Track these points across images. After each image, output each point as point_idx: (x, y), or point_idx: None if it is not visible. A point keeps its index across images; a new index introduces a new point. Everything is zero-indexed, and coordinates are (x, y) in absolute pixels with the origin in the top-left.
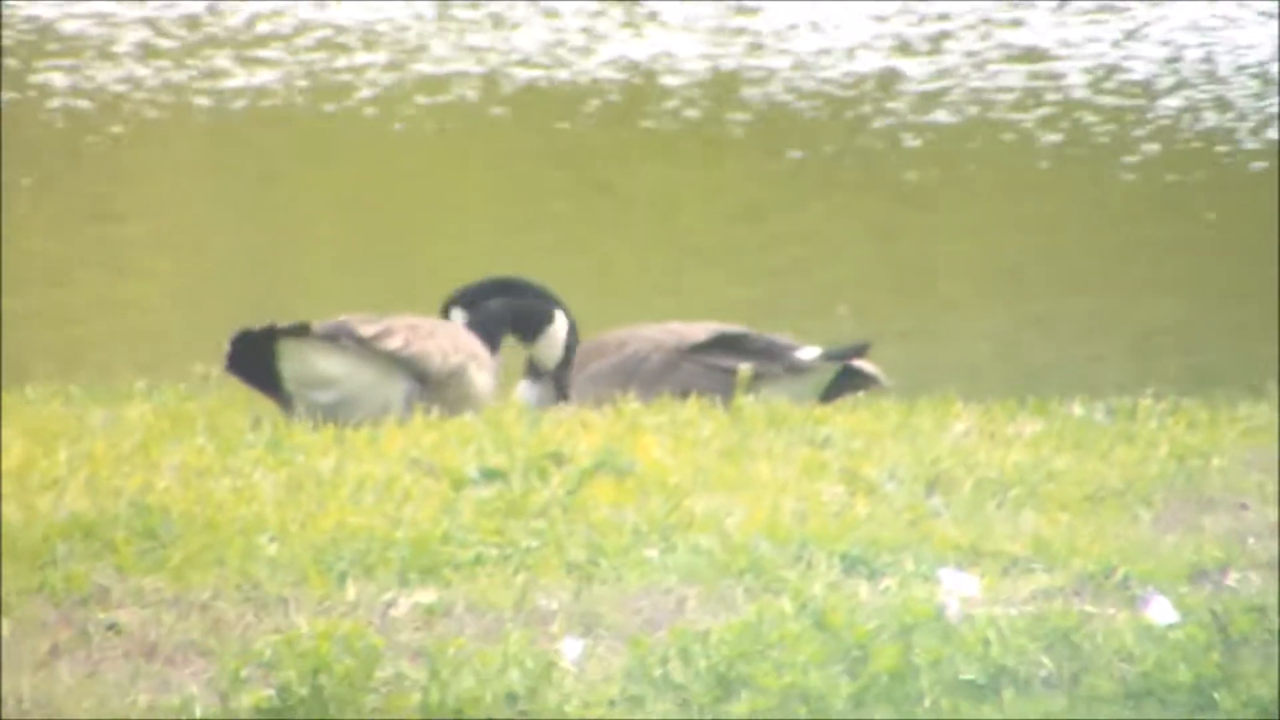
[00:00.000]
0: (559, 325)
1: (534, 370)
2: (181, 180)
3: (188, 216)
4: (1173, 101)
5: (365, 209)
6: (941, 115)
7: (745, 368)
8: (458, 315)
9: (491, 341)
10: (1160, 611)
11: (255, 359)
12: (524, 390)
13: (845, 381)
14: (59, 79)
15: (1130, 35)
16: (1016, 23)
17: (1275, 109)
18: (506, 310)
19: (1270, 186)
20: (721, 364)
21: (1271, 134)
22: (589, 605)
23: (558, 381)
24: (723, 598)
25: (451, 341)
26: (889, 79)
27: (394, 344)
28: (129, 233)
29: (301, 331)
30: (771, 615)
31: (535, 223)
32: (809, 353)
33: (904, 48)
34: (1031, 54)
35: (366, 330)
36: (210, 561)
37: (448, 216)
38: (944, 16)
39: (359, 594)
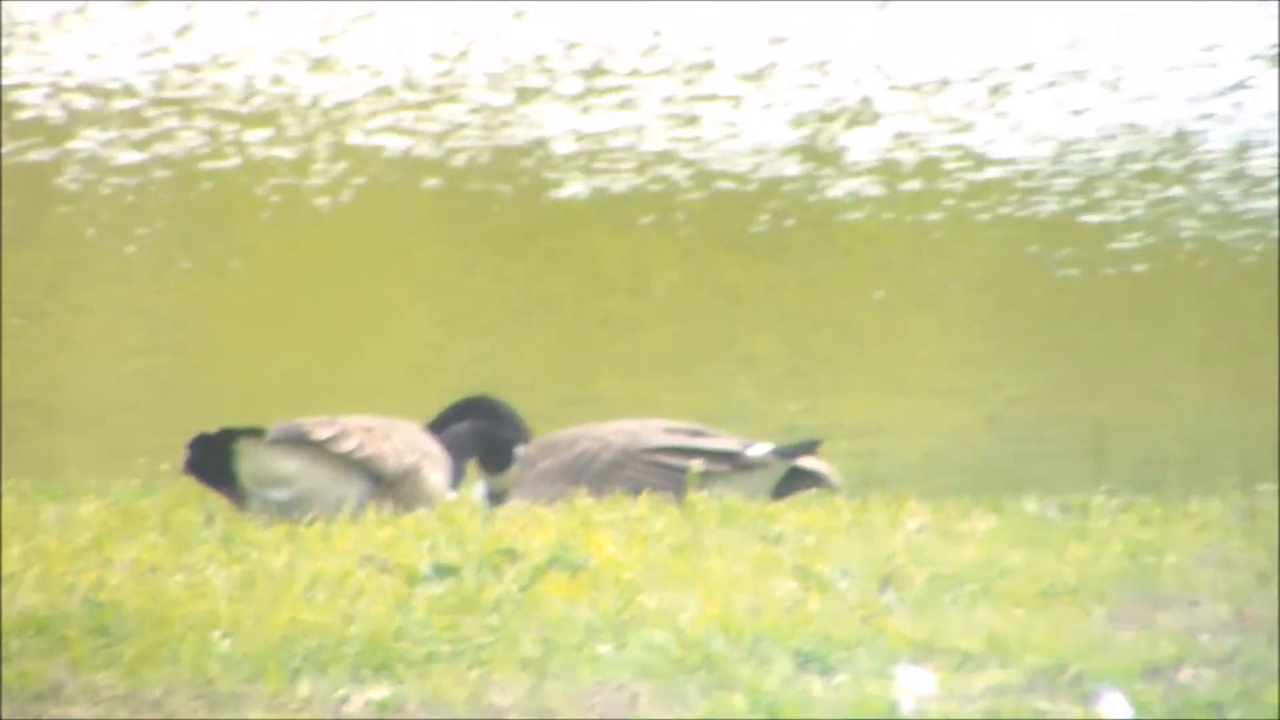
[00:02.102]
0: (516, 466)
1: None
2: (99, 263)
3: (108, 300)
4: (1119, 194)
5: (293, 291)
6: (890, 204)
7: (696, 465)
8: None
9: (459, 456)
10: (1114, 708)
11: (211, 458)
12: (480, 488)
13: (797, 480)
14: None
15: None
16: (962, 126)
17: (1226, 201)
18: (477, 439)
19: (1219, 281)
20: (671, 463)
21: (1222, 230)
22: (543, 701)
23: (497, 499)
24: (676, 694)
25: (406, 442)
26: (831, 160)
27: (349, 446)
28: (50, 322)
29: (257, 434)
30: (725, 711)
31: (462, 310)
32: (759, 450)
33: (844, 119)
34: (972, 154)
35: (322, 433)
36: (163, 658)
37: (362, 298)
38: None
39: (312, 690)
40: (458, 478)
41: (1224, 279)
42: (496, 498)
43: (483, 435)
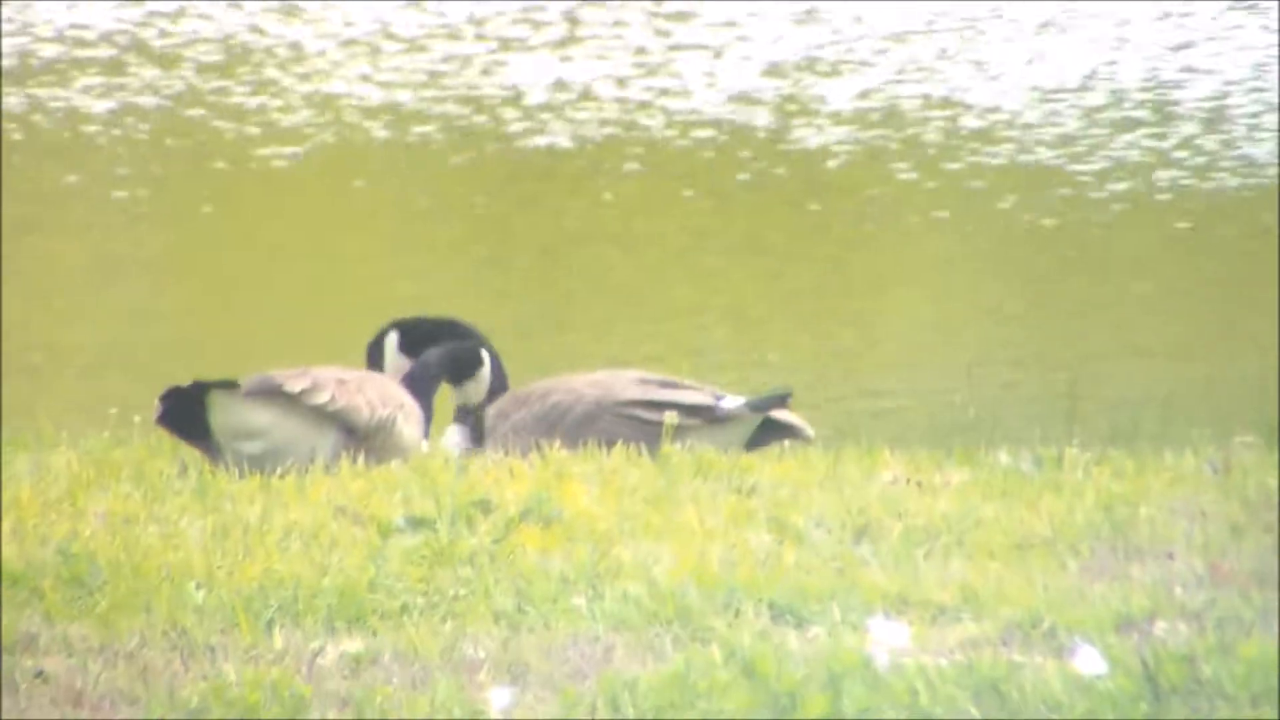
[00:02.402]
0: (485, 367)
1: (462, 415)
2: (72, 212)
3: (82, 249)
4: (1096, 144)
5: (287, 245)
6: (868, 154)
7: (670, 416)
8: (393, 340)
9: (427, 392)
10: (1088, 661)
11: (184, 411)
12: (452, 434)
13: (770, 432)
14: None
15: (1050, 93)
16: (934, 69)
17: (1204, 151)
18: (442, 357)
19: (1196, 231)
20: (645, 416)
21: (1201, 179)
22: (517, 654)
23: (475, 420)
24: (651, 646)
25: (379, 394)
26: (810, 109)
27: (322, 399)
28: (39, 273)
29: (230, 387)
30: (700, 664)
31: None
32: (732, 402)
33: (830, 72)
34: (949, 102)
35: (294, 385)
36: (137, 609)
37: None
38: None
39: (286, 642)
40: (428, 418)
41: (1201, 229)
42: (467, 415)
43: (445, 353)
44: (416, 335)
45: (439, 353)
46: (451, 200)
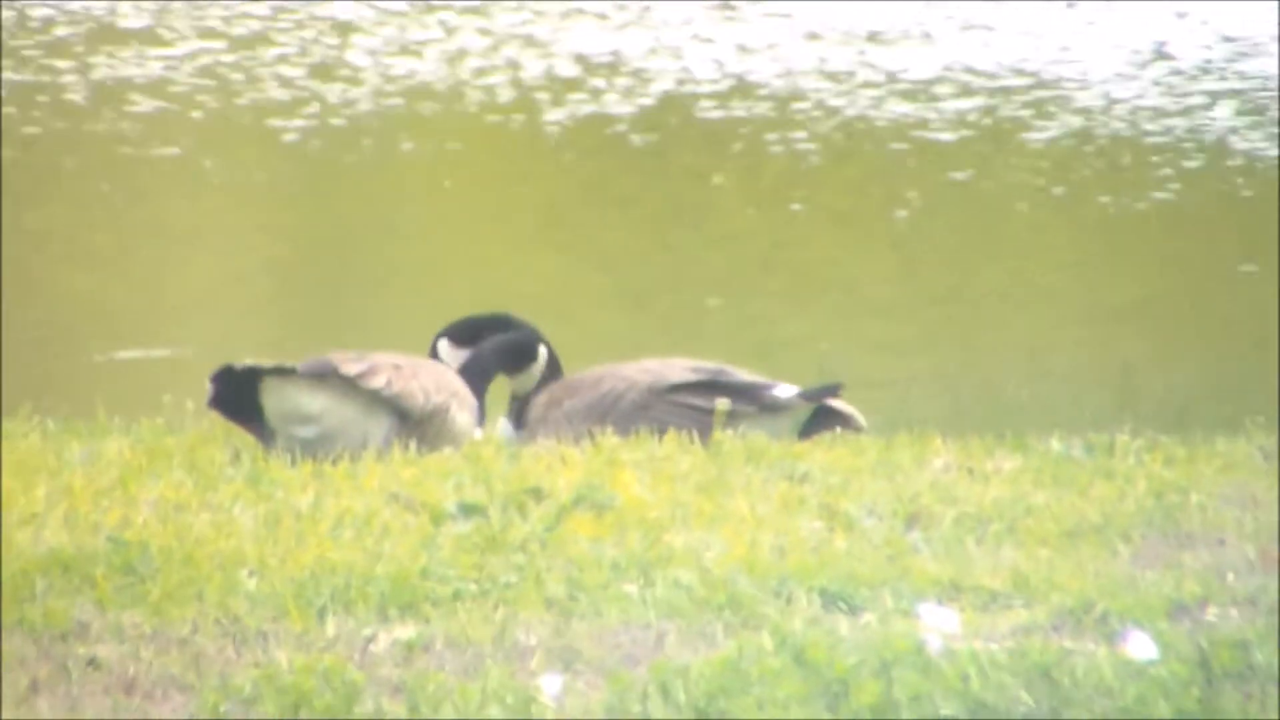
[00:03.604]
0: (541, 359)
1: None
2: (175, 200)
3: (183, 238)
4: (1143, 125)
5: (377, 230)
6: (912, 143)
7: (722, 403)
8: (445, 347)
9: (482, 382)
10: (1140, 647)
11: (237, 394)
12: (504, 426)
13: (822, 420)
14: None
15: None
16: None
17: (1238, 137)
18: (498, 347)
19: (1248, 214)
20: (697, 403)
21: (1240, 160)
22: (568, 640)
23: (518, 406)
24: (702, 633)
25: (434, 381)
26: (879, 81)
27: (378, 383)
28: (106, 260)
29: (286, 370)
30: (751, 651)
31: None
32: (785, 391)
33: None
34: (987, 81)
35: (350, 369)
36: (189, 596)
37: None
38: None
39: (339, 629)
40: (482, 412)
41: (1259, 212)
42: (521, 405)
43: (502, 344)
44: (467, 336)
45: (494, 343)
46: (521, 179)
